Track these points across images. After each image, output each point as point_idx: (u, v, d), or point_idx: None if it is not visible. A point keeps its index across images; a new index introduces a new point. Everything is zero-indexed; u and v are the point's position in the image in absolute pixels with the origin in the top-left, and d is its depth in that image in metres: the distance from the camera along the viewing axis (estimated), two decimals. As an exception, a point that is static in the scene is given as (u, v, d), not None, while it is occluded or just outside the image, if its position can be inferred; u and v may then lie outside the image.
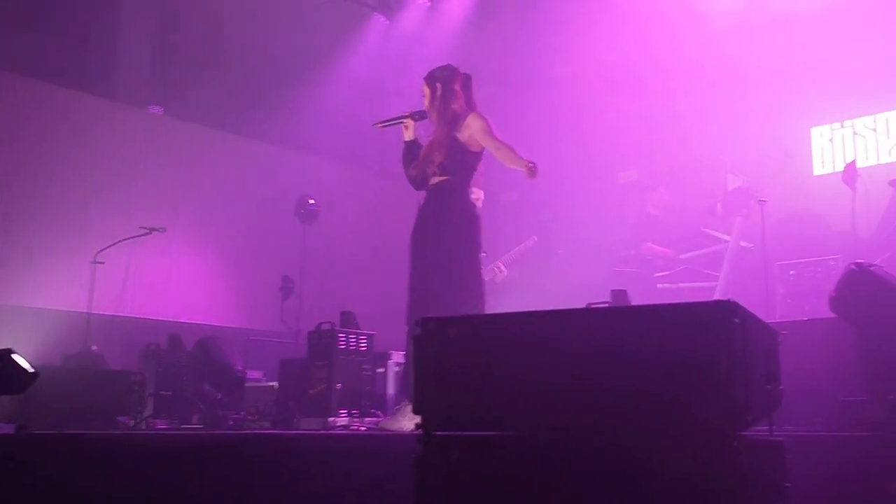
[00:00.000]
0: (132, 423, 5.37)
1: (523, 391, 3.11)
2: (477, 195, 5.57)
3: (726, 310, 2.78)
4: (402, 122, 5.20)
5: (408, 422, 4.46)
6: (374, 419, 5.35)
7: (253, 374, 6.87)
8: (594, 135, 9.68)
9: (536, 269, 8.60)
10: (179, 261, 9.23)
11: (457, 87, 5.13)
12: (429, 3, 9.33)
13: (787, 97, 8.89)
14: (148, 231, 8.01)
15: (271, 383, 6.52)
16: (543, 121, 9.89)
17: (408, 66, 5.33)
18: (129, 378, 5.60)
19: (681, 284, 7.71)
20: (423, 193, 5.18)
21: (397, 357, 5.87)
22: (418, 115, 5.19)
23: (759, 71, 8.90)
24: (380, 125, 5.26)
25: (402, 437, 4.23)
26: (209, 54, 9.75)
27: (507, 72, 9.98)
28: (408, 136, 5.21)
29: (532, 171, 4.71)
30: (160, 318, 8.64)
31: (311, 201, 9.16)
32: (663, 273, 7.86)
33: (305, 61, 9.84)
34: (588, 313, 3.33)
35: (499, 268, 7.24)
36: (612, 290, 4.37)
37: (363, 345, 5.67)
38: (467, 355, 3.23)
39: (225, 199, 9.52)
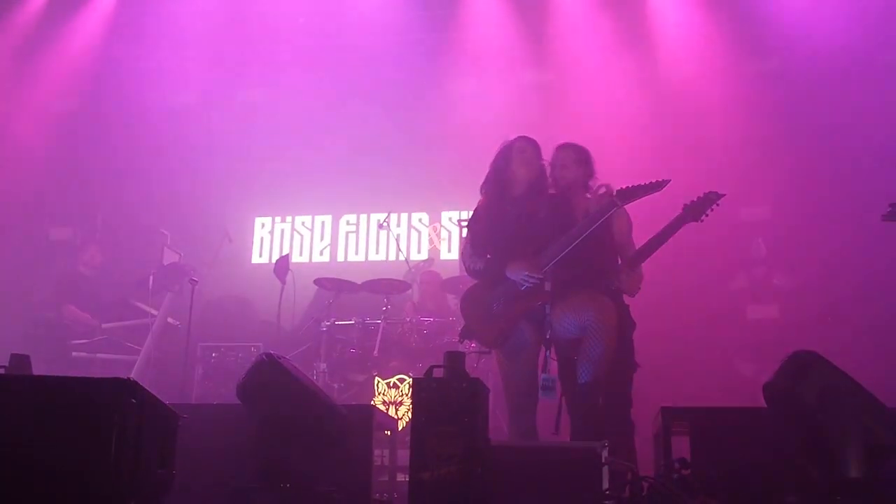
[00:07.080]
0: None
1: None
2: None
3: (124, 389, 2.67)
4: None
5: None
6: None
7: None
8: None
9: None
10: None
11: None
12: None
13: (238, 182, 9.16)
14: None
15: None
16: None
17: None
18: None
19: (99, 355, 7.33)
20: None
21: None
22: None
23: (219, 150, 9.06)
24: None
25: None
26: None
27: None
28: None
29: None
30: None
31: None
32: (82, 341, 7.40)
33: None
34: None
35: None
36: (12, 354, 3.95)
37: None
38: None
39: None
